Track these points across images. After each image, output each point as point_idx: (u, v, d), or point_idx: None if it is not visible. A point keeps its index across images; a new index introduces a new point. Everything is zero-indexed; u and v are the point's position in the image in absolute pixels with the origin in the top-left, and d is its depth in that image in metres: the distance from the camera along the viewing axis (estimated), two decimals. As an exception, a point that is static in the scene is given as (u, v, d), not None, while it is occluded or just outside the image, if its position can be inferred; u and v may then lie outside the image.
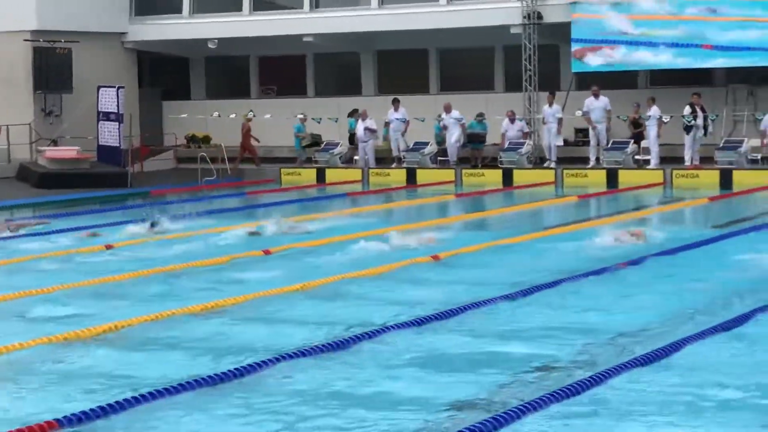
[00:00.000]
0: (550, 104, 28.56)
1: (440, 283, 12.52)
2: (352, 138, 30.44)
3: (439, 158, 29.41)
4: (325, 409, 7.67)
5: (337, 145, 30.22)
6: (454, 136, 29.27)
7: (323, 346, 9.28)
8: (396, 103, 29.75)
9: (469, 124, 29.37)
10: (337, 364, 8.83)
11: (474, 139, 29.33)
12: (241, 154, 30.60)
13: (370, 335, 9.61)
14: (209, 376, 8.27)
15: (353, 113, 30.51)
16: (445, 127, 29.38)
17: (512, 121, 28.87)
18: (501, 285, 12.10)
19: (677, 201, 23.38)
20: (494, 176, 27.71)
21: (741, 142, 26.91)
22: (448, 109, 29.33)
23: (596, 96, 28.12)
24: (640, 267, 13.40)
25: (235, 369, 8.52)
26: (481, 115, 29.29)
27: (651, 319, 10.26)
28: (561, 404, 7.46)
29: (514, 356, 9.00)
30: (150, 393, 7.84)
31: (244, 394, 8.01)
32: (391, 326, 9.95)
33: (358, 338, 9.52)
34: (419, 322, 10.16)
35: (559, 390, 7.70)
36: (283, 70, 34.35)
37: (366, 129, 29.71)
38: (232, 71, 35.17)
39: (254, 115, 30.86)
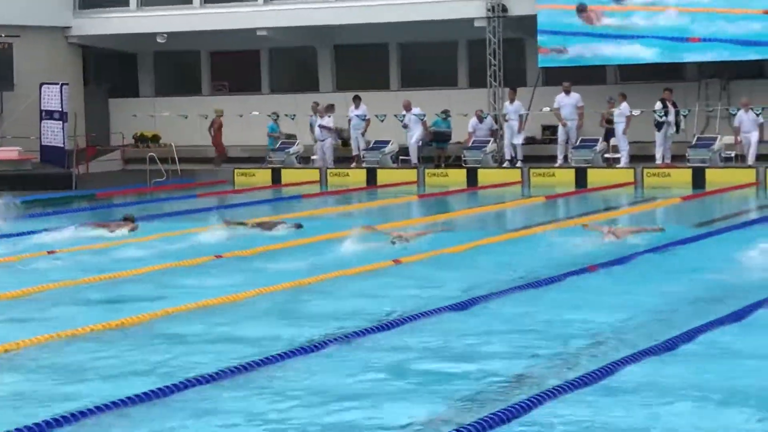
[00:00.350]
0: (512, 101, 28.17)
1: (401, 288, 12.26)
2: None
3: (401, 157, 28.90)
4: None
5: (293, 143, 29.70)
6: (415, 135, 28.76)
7: (256, 362, 8.74)
8: (357, 100, 29.27)
9: (434, 122, 28.86)
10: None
11: (438, 138, 28.82)
12: (220, 151, 30.09)
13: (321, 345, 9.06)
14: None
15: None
16: (406, 126, 28.86)
17: (480, 120, 28.41)
18: (462, 290, 11.88)
19: (648, 201, 23.03)
20: (458, 176, 27.44)
21: (714, 139, 26.62)
22: (407, 107, 28.82)
23: (567, 92, 27.70)
24: (608, 271, 13.13)
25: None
26: (445, 112, 28.80)
27: (603, 330, 9.86)
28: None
29: (468, 372, 8.55)
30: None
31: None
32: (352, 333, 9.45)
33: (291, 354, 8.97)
34: (367, 331, 9.74)
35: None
36: (236, 65, 34.05)
37: (321, 127, 29.16)
38: (182, 67, 34.79)
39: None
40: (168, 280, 13.06)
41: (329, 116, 29.39)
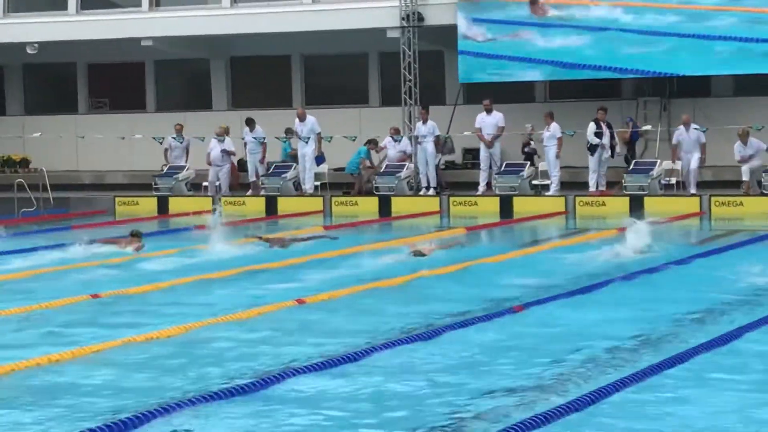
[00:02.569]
0: (425, 121, 28.18)
1: (308, 332, 12.18)
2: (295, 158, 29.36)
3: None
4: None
5: (183, 168, 29.42)
6: (309, 153, 28.42)
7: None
8: (251, 123, 29.01)
9: (358, 152, 28.69)
10: None
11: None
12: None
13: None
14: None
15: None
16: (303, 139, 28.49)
17: (396, 139, 28.39)
18: (374, 332, 11.88)
19: (581, 233, 23.05)
20: (369, 205, 27.36)
21: (653, 164, 26.82)
22: (302, 117, 28.58)
23: (488, 111, 27.77)
24: (530, 312, 13.09)
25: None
26: (372, 141, 28.71)
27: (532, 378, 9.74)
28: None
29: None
30: None
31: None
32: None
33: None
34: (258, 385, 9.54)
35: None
36: (117, 79, 33.97)
37: (224, 151, 28.92)
38: (56, 82, 34.56)
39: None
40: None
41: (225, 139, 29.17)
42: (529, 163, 27.70)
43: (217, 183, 29.24)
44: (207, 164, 29.30)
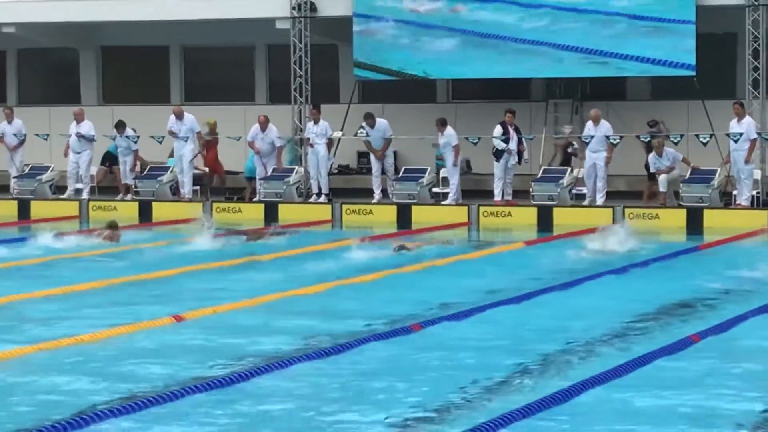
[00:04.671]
0: (316, 121, 28.23)
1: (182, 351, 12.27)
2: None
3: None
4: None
5: (47, 169, 29.27)
6: (186, 154, 28.39)
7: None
8: (121, 128, 28.75)
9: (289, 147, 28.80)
10: None
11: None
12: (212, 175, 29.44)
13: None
14: None
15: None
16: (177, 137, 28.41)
17: (264, 127, 28.25)
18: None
19: (485, 247, 23.28)
20: (254, 212, 27.36)
21: (563, 171, 27.14)
22: (180, 115, 28.48)
23: (371, 125, 27.84)
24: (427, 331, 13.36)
25: None
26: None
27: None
28: None
29: None
30: None
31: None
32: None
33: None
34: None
35: None
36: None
37: (80, 135, 28.78)
38: None
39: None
40: None
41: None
42: (429, 169, 27.84)
43: (80, 173, 28.96)
44: (64, 155, 29.07)
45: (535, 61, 28.01)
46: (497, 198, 27.15)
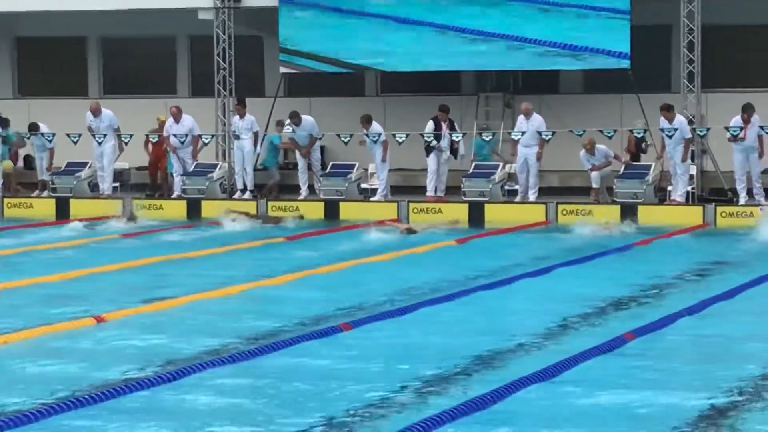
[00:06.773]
0: (242, 116, 28.19)
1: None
2: None
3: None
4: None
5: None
6: (107, 151, 28.20)
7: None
8: (34, 129, 28.52)
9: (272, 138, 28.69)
10: None
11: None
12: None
13: None
14: None
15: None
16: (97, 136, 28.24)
17: (177, 119, 28.12)
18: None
19: (417, 245, 23.28)
20: (175, 209, 27.30)
21: (495, 167, 27.24)
22: (96, 111, 28.28)
23: (296, 123, 27.78)
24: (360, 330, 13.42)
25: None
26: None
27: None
28: None
29: None
30: None
31: None
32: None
33: None
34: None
35: None
36: None
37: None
38: None
39: None
40: None
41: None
42: (357, 164, 27.83)
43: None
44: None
45: (466, 53, 28.05)
46: (429, 193, 27.19)
